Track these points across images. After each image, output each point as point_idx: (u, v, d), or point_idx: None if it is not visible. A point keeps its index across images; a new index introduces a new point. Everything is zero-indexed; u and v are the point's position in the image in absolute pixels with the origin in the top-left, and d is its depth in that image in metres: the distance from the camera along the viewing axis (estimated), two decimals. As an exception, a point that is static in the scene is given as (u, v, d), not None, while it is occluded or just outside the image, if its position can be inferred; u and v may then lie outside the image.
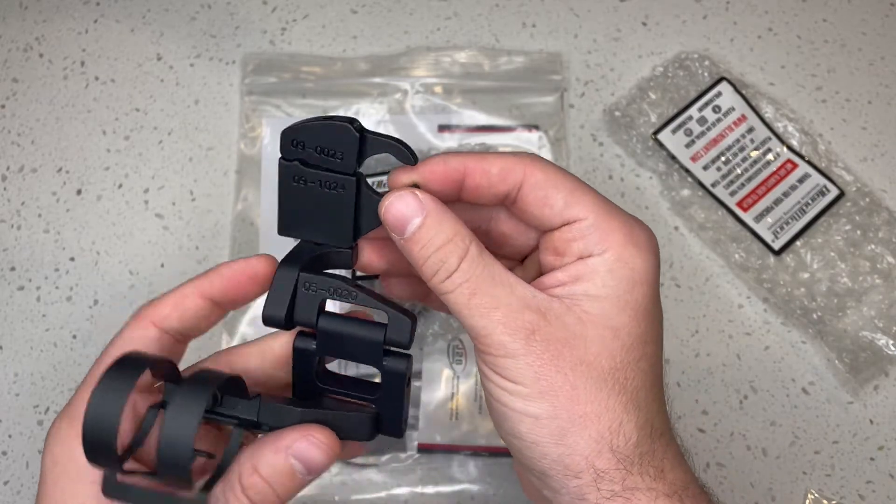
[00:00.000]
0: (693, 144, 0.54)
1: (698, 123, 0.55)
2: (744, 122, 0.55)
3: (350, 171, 0.30)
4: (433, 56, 0.57)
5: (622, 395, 0.29)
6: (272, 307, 0.31)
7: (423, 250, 0.30)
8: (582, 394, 0.29)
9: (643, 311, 0.30)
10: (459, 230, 0.30)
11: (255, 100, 0.56)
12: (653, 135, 0.55)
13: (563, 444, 0.29)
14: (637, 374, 0.30)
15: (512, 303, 0.29)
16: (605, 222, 0.30)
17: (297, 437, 0.30)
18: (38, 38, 0.59)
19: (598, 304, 0.30)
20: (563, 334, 0.29)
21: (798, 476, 0.49)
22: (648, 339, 0.30)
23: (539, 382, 0.29)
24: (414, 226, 0.30)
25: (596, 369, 0.29)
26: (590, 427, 0.29)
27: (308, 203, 0.31)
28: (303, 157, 0.30)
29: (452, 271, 0.30)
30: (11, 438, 0.50)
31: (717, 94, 0.55)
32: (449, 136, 0.55)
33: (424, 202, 0.30)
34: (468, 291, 0.29)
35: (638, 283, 0.30)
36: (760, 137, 0.54)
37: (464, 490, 0.49)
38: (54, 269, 0.54)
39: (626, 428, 0.29)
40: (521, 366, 0.29)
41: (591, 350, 0.29)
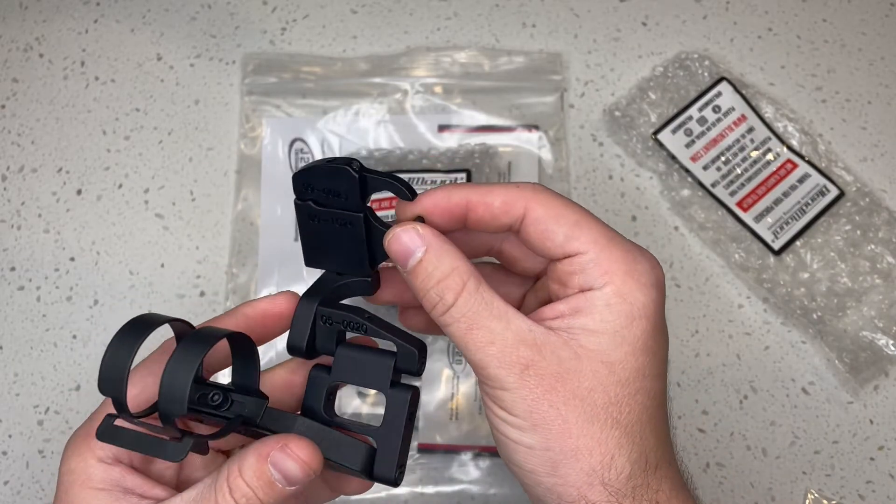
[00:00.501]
0: (693, 144, 0.54)
1: (698, 123, 0.55)
2: (744, 122, 0.55)
3: (356, 208, 0.32)
4: (433, 56, 0.57)
5: (615, 430, 0.30)
6: (295, 338, 0.33)
7: (424, 283, 0.31)
8: (574, 428, 0.29)
9: (641, 345, 0.30)
10: (458, 265, 0.31)
11: (255, 100, 0.56)
12: (653, 135, 0.55)
13: (555, 475, 0.30)
14: (633, 408, 0.30)
15: (507, 337, 0.30)
16: (605, 256, 0.31)
17: (274, 445, 0.30)
18: (38, 38, 0.59)
19: (595, 339, 0.30)
20: (557, 368, 0.30)
21: (798, 476, 0.49)
22: (647, 374, 0.30)
23: (532, 416, 0.30)
24: (415, 259, 0.31)
25: (589, 404, 0.30)
26: (581, 460, 0.29)
27: (325, 238, 0.33)
28: (314, 198, 0.32)
29: (450, 306, 0.30)
30: (11, 438, 0.50)
31: (717, 94, 0.55)
32: (449, 135, 0.55)
33: (425, 236, 0.31)
34: (465, 326, 0.30)
35: (637, 318, 0.30)
36: (760, 137, 0.54)
37: (464, 490, 0.49)
38: (54, 269, 0.54)
39: (617, 462, 0.29)
40: (516, 399, 0.30)
41: (585, 385, 0.30)
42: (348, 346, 0.33)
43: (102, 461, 0.32)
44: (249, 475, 0.30)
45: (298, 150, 0.55)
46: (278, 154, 0.55)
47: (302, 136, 0.55)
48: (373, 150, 0.54)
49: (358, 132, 0.55)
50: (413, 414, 0.33)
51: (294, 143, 0.55)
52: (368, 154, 0.54)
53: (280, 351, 0.51)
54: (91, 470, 0.32)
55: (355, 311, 0.33)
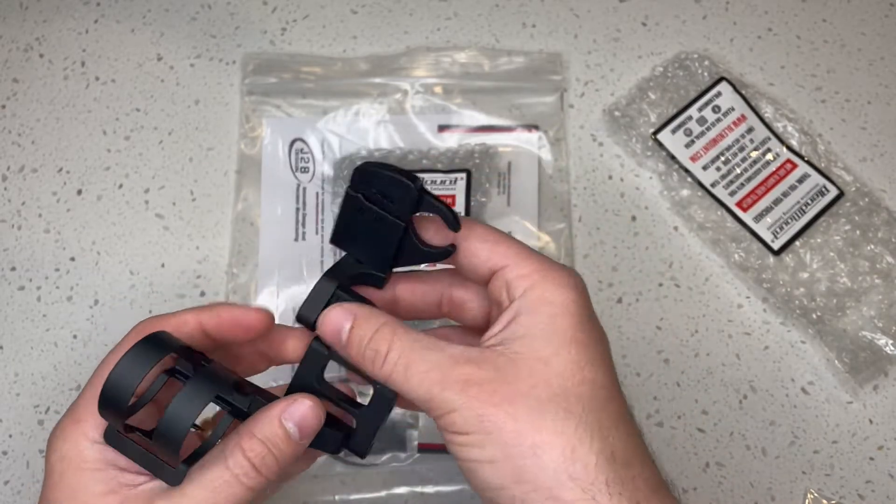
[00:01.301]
0: (693, 144, 0.54)
1: (698, 123, 0.55)
2: (743, 122, 0.55)
3: (401, 218, 0.34)
4: (433, 56, 0.57)
5: (568, 420, 0.30)
6: (307, 309, 0.34)
7: (358, 347, 0.33)
8: (525, 424, 0.30)
9: (570, 338, 0.31)
10: (384, 320, 0.33)
11: (255, 100, 0.56)
12: (652, 135, 0.55)
13: (523, 481, 0.29)
14: (580, 398, 0.30)
15: (443, 361, 0.31)
16: (523, 266, 0.33)
17: (289, 403, 0.32)
18: (38, 38, 0.59)
19: (525, 342, 0.31)
20: (495, 375, 0.31)
21: (797, 476, 0.49)
22: (584, 365, 0.31)
23: (484, 423, 0.30)
24: (345, 332, 0.33)
25: (534, 399, 0.30)
26: (542, 457, 0.29)
27: (360, 228, 0.35)
28: (366, 193, 0.34)
29: (385, 353, 0.32)
30: (12, 438, 0.50)
31: (716, 94, 0.55)
32: (449, 135, 0.55)
33: (350, 308, 0.33)
34: (403, 365, 0.32)
35: (559, 315, 0.32)
36: (760, 137, 0.55)
37: (464, 490, 0.49)
38: (55, 269, 0.54)
39: (580, 453, 0.29)
40: (465, 415, 0.30)
41: (526, 382, 0.30)
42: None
43: (95, 441, 0.32)
44: (265, 433, 0.31)
45: (298, 150, 0.55)
46: (278, 154, 0.55)
47: (302, 136, 0.55)
48: (373, 150, 0.54)
49: (358, 132, 0.55)
50: (391, 408, 0.34)
51: (294, 143, 0.55)
52: (368, 154, 0.54)
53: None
54: (85, 452, 0.32)
55: (369, 304, 0.35)
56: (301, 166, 0.55)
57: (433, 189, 0.51)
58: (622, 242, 0.54)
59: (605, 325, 0.51)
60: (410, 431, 0.49)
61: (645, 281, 0.53)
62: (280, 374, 0.46)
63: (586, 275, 0.53)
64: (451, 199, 0.51)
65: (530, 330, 0.31)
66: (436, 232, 0.35)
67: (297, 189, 0.54)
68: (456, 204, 0.50)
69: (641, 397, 0.51)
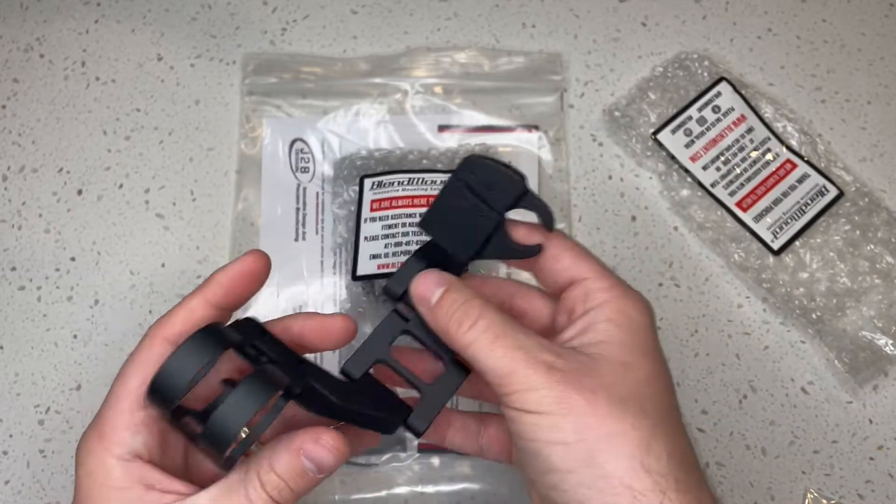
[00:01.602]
0: (692, 144, 0.54)
1: (698, 123, 0.55)
2: (743, 122, 0.55)
3: (499, 209, 0.36)
4: (433, 56, 0.57)
5: (646, 419, 0.31)
6: (395, 284, 0.36)
7: (447, 312, 0.34)
8: (606, 413, 0.30)
9: (649, 351, 0.33)
10: (478, 294, 0.34)
11: (255, 100, 0.56)
12: (652, 135, 0.55)
13: (595, 466, 0.30)
14: (655, 403, 0.32)
15: (531, 344, 0.32)
16: (604, 280, 0.35)
17: (307, 440, 0.32)
18: (38, 38, 0.59)
19: (605, 346, 0.33)
20: (578, 366, 0.32)
21: (797, 475, 0.49)
22: (660, 380, 0.33)
23: (562, 405, 0.31)
24: (437, 295, 0.34)
25: (615, 393, 0.31)
26: (618, 445, 0.30)
27: (454, 215, 0.36)
28: (469, 182, 0.35)
29: (476, 318, 0.33)
30: (12, 438, 0.50)
31: (716, 94, 0.55)
32: (449, 136, 0.55)
33: (446, 277, 0.35)
34: (491, 335, 0.32)
35: (637, 330, 0.33)
36: (760, 137, 0.55)
37: (464, 490, 0.49)
38: (55, 269, 0.54)
39: (655, 448, 0.30)
40: (545, 394, 0.31)
41: (607, 378, 0.32)
42: None
43: (121, 458, 0.32)
44: (282, 468, 0.31)
45: (299, 151, 0.55)
46: (279, 154, 0.55)
47: (302, 136, 0.55)
48: (373, 150, 0.54)
49: (358, 132, 0.55)
50: (459, 387, 0.36)
51: (294, 144, 0.55)
52: (368, 154, 0.54)
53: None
54: (111, 470, 0.32)
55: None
56: (301, 166, 0.55)
57: (433, 189, 0.51)
58: (622, 242, 0.54)
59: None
60: (410, 431, 0.49)
61: (645, 281, 0.53)
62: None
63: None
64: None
65: (611, 337, 0.33)
66: (526, 233, 0.36)
67: (297, 189, 0.54)
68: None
69: (641, 397, 0.51)
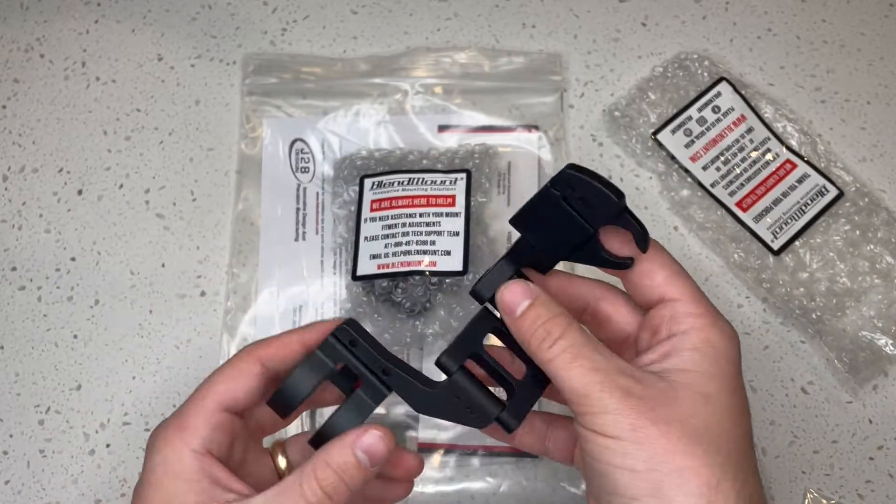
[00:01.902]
0: (692, 144, 0.54)
1: (698, 123, 0.55)
2: (743, 122, 0.55)
3: (594, 225, 0.35)
4: (433, 57, 0.57)
5: (719, 455, 0.31)
6: (484, 287, 0.36)
7: (531, 325, 0.34)
8: (678, 447, 0.30)
9: (730, 386, 0.33)
10: (563, 311, 0.34)
11: (255, 100, 0.56)
12: (652, 135, 0.55)
13: (661, 498, 0.30)
14: (731, 439, 0.31)
15: (609, 368, 0.32)
16: (694, 305, 0.34)
17: (361, 433, 0.34)
18: (38, 38, 0.59)
19: (687, 375, 0.32)
20: (656, 394, 0.32)
21: (797, 475, 0.49)
22: (738, 411, 0.32)
23: (636, 433, 0.31)
24: (523, 307, 0.34)
25: (689, 427, 0.31)
26: (687, 481, 0.30)
27: (546, 220, 0.36)
28: (565, 195, 0.34)
29: (557, 338, 0.33)
30: (13, 438, 0.50)
31: (716, 95, 0.55)
32: (449, 136, 0.55)
33: (533, 289, 0.35)
34: (570, 356, 0.33)
35: (723, 360, 0.33)
36: (760, 137, 0.55)
37: (464, 489, 0.49)
38: (55, 269, 0.54)
39: (724, 487, 0.30)
40: (619, 419, 0.31)
41: (685, 410, 0.31)
42: None
43: (196, 451, 0.34)
44: (336, 462, 0.33)
45: (299, 151, 0.55)
46: (279, 154, 0.55)
47: (302, 136, 0.55)
48: (373, 151, 0.54)
49: (358, 132, 0.55)
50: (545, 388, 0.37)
51: (294, 144, 0.55)
52: (369, 154, 0.54)
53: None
54: (185, 460, 0.33)
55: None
56: (301, 166, 0.55)
57: (433, 189, 0.51)
58: (622, 242, 0.54)
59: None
60: (410, 432, 0.49)
61: (645, 281, 0.53)
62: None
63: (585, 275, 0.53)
64: (451, 199, 0.51)
65: (694, 366, 0.32)
66: (621, 244, 0.35)
67: (297, 189, 0.54)
68: (456, 204, 0.51)
69: (641, 397, 0.51)
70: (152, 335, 0.52)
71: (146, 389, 0.51)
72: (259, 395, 0.36)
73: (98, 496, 0.49)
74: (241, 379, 0.36)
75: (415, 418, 0.50)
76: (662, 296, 0.34)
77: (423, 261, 0.49)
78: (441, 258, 0.49)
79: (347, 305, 0.51)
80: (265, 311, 0.52)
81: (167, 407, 0.51)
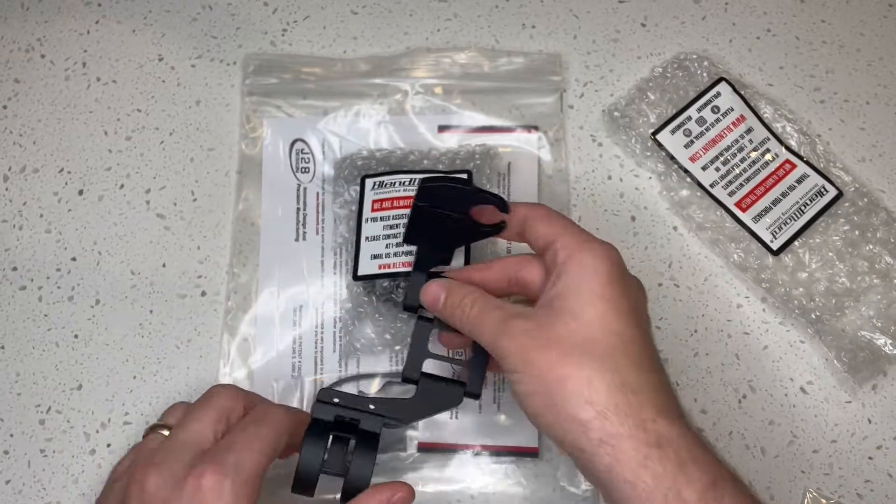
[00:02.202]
0: (692, 145, 0.55)
1: (697, 124, 0.55)
2: (742, 122, 0.55)
3: (461, 212, 0.43)
4: (433, 57, 0.57)
5: (590, 360, 0.37)
6: (410, 300, 0.45)
7: (452, 308, 0.42)
8: (556, 363, 0.37)
9: (598, 295, 0.38)
10: (472, 289, 0.42)
11: (255, 100, 0.56)
12: (652, 135, 0.55)
13: (554, 406, 0.37)
14: (602, 343, 0.37)
15: (505, 316, 0.40)
16: (567, 238, 0.40)
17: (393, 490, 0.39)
18: (39, 38, 0.59)
19: (562, 299, 0.39)
20: (538, 326, 0.38)
21: (796, 475, 0.49)
22: (610, 317, 0.38)
23: (526, 364, 0.38)
24: (442, 297, 0.43)
25: (566, 343, 0.37)
26: (566, 387, 0.36)
27: (426, 227, 0.44)
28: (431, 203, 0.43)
29: (468, 310, 0.41)
30: (13, 437, 0.50)
31: (715, 95, 0.55)
32: (449, 136, 0.55)
33: (444, 283, 0.43)
34: (478, 318, 0.41)
35: (590, 277, 0.39)
36: (759, 138, 0.55)
37: (464, 489, 0.49)
38: (56, 269, 0.54)
39: (595, 383, 0.36)
40: (516, 357, 0.38)
41: (560, 331, 0.38)
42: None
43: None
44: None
45: (299, 151, 0.55)
46: (279, 155, 0.55)
47: (302, 136, 0.55)
48: (374, 151, 0.54)
49: (358, 133, 0.55)
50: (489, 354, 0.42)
51: (295, 144, 0.55)
52: (370, 154, 0.54)
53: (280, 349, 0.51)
54: None
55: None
56: (301, 167, 0.55)
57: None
58: (621, 242, 0.54)
59: (604, 325, 0.51)
60: (410, 431, 0.50)
61: (644, 281, 0.52)
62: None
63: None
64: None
65: (567, 289, 0.39)
66: (490, 215, 0.43)
67: (297, 189, 0.54)
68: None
69: (641, 397, 0.51)
70: (153, 335, 0.52)
71: (147, 389, 0.51)
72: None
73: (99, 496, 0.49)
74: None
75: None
76: (547, 239, 0.41)
77: None
78: None
79: (348, 305, 0.52)
80: (265, 310, 0.52)
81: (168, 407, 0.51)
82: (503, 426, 0.50)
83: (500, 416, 0.50)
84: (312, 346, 0.51)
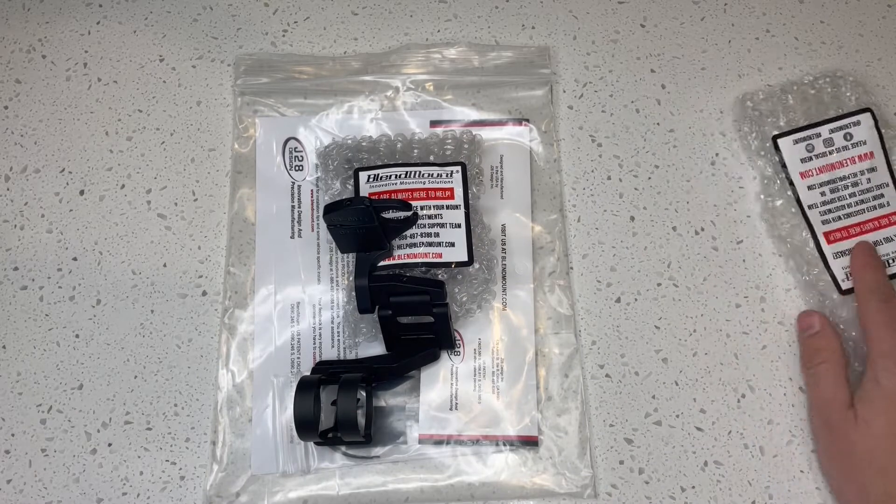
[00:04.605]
0: (809, 161, 0.53)
1: (824, 143, 0.53)
2: (869, 159, 0.52)
3: (373, 220, 0.48)
4: (423, 53, 0.57)
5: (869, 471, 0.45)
6: (362, 304, 0.49)
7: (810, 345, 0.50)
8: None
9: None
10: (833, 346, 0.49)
11: (248, 100, 0.57)
12: (774, 137, 0.53)
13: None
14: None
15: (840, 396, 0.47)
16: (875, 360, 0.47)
17: None
18: (40, 39, 0.60)
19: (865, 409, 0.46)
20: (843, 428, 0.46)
21: (796, 474, 0.49)
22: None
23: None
24: (813, 330, 0.50)
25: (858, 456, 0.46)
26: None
27: (352, 239, 0.49)
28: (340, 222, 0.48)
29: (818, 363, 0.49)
30: (14, 437, 0.51)
31: (854, 122, 0.53)
32: (441, 131, 0.55)
33: (824, 322, 0.50)
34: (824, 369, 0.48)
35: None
36: (879, 181, 0.52)
37: (464, 479, 0.49)
38: (57, 269, 0.54)
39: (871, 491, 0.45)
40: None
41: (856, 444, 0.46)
42: (397, 296, 0.48)
43: None
44: None
45: (292, 149, 0.55)
46: (272, 153, 0.55)
47: (295, 134, 0.55)
48: (359, 140, 0.54)
49: (350, 129, 0.55)
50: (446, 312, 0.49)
51: (288, 142, 0.55)
52: (354, 143, 0.54)
53: (279, 345, 0.51)
54: None
55: (395, 277, 0.49)
56: (295, 165, 0.55)
57: (431, 182, 0.51)
58: (620, 242, 0.54)
59: (603, 325, 0.51)
60: (411, 424, 0.50)
61: (643, 281, 0.53)
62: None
63: (585, 274, 0.53)
64: (450, 192, 0.51)
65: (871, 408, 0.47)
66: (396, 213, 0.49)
67: (291, 187, 0.54)
68: (455, 196, 0.51)
69: (640, 396, 0.51)
70: (154, 334, 0.53)
71: (148, 389, 0.51)
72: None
73: (100, 495, 0.49)
74: None
75: (416, 410, 0.50)
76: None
77: (428, 253, 0.49)
78: (446, 250, 0.50)
79: (344, 300, 0.52)
80: (263, 309, 0.52)
81: (168, 406, 0.51)
82: (502, 416, 0.50)
83: (500, 406, 0.50)
84: (311, 341, 0.52)
